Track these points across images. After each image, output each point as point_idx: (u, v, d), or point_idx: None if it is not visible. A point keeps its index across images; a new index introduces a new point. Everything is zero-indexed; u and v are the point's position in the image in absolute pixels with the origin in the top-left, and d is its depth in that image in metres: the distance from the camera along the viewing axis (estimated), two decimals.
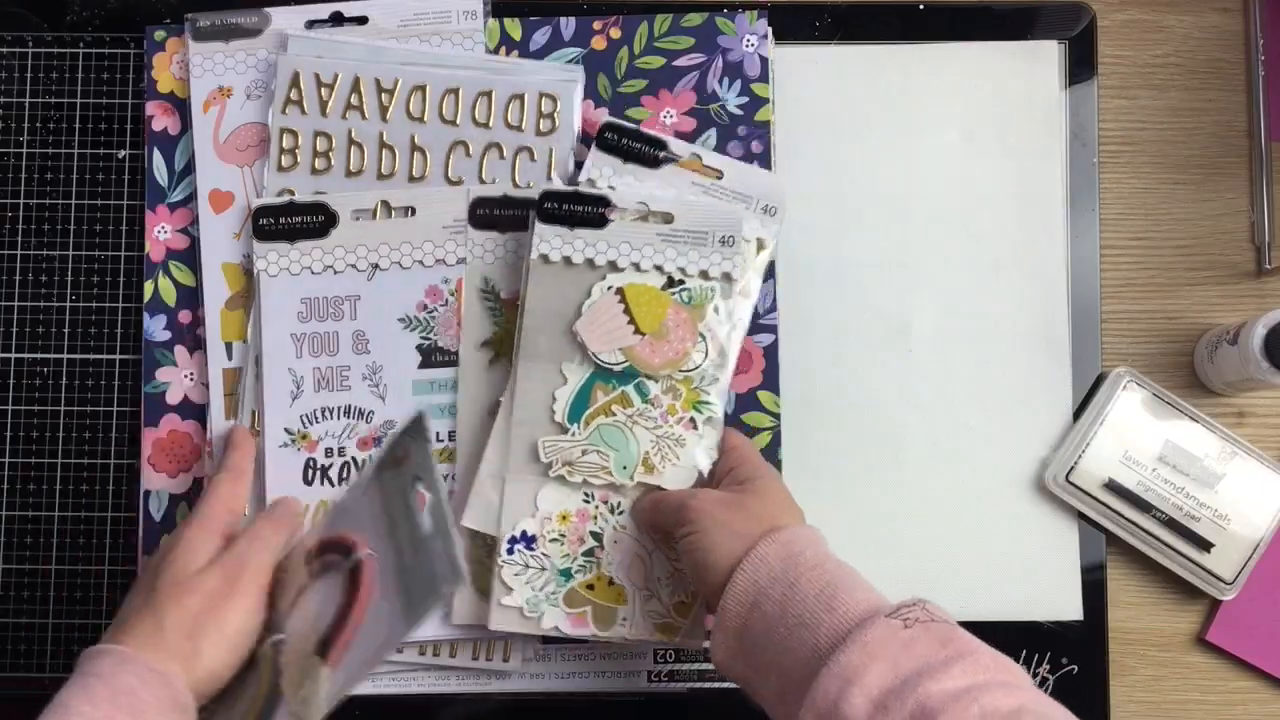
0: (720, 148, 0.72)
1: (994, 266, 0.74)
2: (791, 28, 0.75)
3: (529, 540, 0.66)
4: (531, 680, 0.70)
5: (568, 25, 0.73)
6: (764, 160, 0.72)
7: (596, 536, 0.67)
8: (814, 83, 0.75)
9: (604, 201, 0.68)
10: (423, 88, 0.71)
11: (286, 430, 0.70)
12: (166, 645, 0.57)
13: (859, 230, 0.74)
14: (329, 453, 0.69)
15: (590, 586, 0.66)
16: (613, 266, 0.67)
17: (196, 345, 0.72)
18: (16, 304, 0.74)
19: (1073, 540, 0.73)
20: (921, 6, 0.76)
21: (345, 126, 0.71)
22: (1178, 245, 0.75)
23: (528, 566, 0.66)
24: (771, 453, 0.70)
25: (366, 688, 0.70)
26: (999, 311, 0.74)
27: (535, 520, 0.66)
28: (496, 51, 0.73)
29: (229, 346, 0.71)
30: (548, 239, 0.67)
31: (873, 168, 0.75)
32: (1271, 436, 0.74)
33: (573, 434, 0.67)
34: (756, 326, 0.71)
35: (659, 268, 0.67)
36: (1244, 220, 0.76)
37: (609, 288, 0.67)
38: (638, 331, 0.67)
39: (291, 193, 0.71)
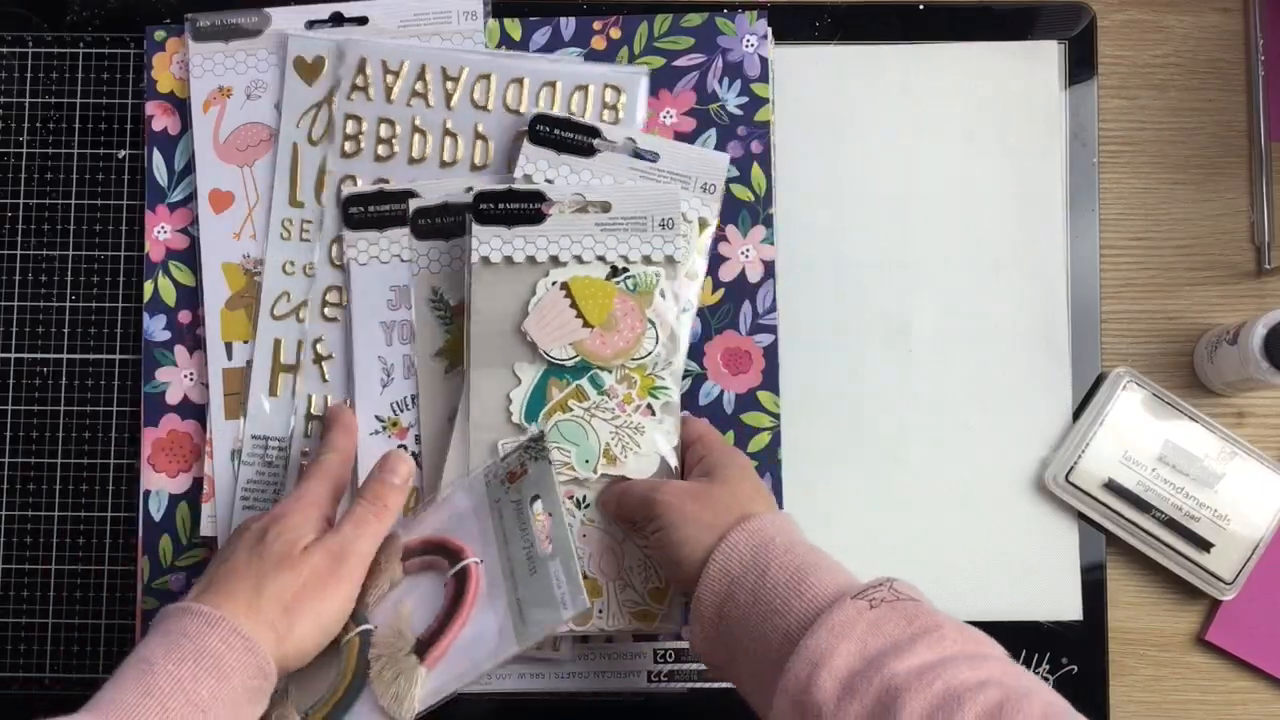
0: (720, 147, 0.71)
1: (994, 266, 0.74)
2: (791, 28, 0.75)
3: None
4: (532, 680, 0.70)
5: (568, 25, 0.73)
6: (764, 160, 0.72)
7: None
8: (814, 83, 0.75)
9: (539, 197, 0.67)
10: (488, 76, 0.71)
11: (377, 418, 0.69)
12: (261, 614, 0.57)
13: (859, 230, 0.74)
14: (419, 440, 0.69)
15: None
16: (555, 261, 0.67)
17: (196, 345, 0.72)
18: (16, 304, 0.74)
19: (1072, 540, 0.73)
20: (921, 6, 0.76)
21: (410, 114, 0.71)
22: (1178, 245, 0.75)
23: None
24: (771, 453, 0.70)
25: None
26: (999, 311, 0.74)
27: None
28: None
29: (229, 346, 0.71)
30: (486, 240, 0.67)
31: (873, 168, 0.75)
32: (1271, 436, 0.74)
33: None
34: (756, 326, 0.71)
35: (601, 258, 0.67)
36: (1244, 220, 0.76)
37: (553, 283, 0.67)
38: (586, 324, 0.67)
39: (354, 179, 0.71)
